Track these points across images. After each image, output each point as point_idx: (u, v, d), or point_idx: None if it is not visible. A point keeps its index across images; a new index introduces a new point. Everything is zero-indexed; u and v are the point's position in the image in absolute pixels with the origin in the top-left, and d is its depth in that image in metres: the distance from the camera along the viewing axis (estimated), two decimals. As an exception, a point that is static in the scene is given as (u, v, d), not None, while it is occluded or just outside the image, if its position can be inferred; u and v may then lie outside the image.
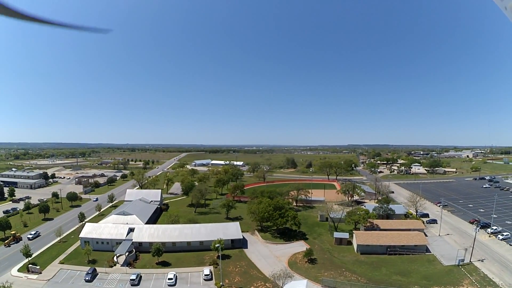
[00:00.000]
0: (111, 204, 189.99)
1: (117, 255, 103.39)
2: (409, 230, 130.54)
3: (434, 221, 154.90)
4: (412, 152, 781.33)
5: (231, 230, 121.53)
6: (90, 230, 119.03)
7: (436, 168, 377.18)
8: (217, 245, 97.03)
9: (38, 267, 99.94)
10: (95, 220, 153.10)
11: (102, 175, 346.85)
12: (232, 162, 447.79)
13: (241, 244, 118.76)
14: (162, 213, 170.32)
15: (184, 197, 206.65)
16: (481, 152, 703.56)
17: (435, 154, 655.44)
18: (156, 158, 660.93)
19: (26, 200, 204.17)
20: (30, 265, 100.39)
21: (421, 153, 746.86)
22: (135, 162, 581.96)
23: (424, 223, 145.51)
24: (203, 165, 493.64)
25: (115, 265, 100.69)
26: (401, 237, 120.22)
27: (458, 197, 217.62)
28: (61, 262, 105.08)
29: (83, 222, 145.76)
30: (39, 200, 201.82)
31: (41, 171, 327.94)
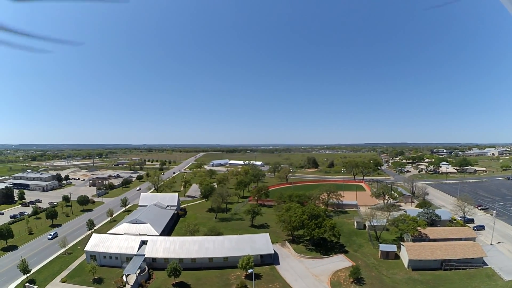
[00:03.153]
0: (124, 208, 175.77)
1: (127, 274, 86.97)
2: (460, 239, 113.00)
3: (481, 227, 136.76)
4: (435, 150, 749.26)
5: (260, 243, 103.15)
6: (96, 243, 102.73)
7: (466, 167, 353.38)
8: (250, 270, 79.75)
9: (35, 286, 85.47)
10: (107, 227, 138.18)
11: (118, 176, 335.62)
12: (251, 162, 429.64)
13: (271, 259, 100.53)
14: (179, 219, 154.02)
15: (203, 200, 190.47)
16: (506, 150, 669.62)
17: (460, 153, 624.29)
18: (173, 158, 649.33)
19: (36, 203, 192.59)
20: (27, 284, 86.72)
21: (444, 151, 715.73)
22: (151, 162, 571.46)
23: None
24: (221, 165, 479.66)
25: (124, 286, 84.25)
26: (456, 249, 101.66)
27: (496, 198, 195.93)
28: (63, 281, 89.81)
29: (92, 229, 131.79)
30: (49, 204, 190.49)
31: (54, 173, 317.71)
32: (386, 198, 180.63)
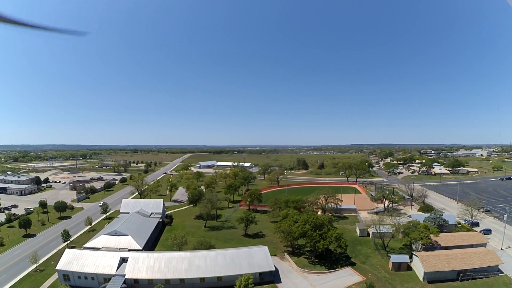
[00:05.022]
0: (105, 215, 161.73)
1: (104, 300, 74.48)
2: (472, 246, 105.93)
3: (488, 231, 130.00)
4: (422, 151, 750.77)
5: (258, 258, 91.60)
6: (70, 260, 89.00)
7: (458, 168, 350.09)
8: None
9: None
10: (85, 238, 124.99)
11: (100, 179, 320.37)
12: (240, 163, 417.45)
13: (272, 276, 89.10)
14: (165, 228, 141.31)
15: (191, 205, 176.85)
16: (494, 151, 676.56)
17: (449, 154, 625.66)
18: (158, 159, 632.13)
19: (11, 209, 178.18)
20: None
21: (432, 152, 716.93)
22: (136, 164, 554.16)
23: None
24: (208, 166, 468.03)
25: (100, 313, 72.17)
26: (472, 257, 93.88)
27: (495, 200, 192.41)
28: (31, 305, 77.09)
29: (68, 241, 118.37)
30: (25, 210, 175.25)
31: (33, 175, 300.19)
32: (387, 202, 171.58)
